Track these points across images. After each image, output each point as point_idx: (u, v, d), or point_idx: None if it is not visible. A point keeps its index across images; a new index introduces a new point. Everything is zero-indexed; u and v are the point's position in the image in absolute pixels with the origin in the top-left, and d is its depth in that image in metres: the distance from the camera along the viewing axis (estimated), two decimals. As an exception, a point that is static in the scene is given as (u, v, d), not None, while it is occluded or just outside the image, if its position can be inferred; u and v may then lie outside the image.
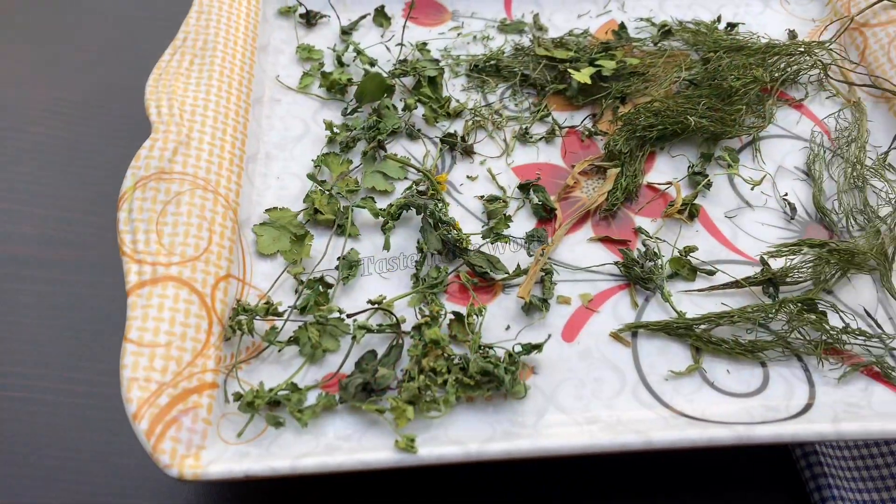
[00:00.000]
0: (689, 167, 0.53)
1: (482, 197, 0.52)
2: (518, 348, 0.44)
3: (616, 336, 0.46)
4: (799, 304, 0.45)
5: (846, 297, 0.48)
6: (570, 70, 0.56)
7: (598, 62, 0.57)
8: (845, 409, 0.43)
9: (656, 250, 0.49)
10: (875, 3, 0.58)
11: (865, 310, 0.47)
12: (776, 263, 0.48)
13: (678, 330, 0.46)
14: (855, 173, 0.52)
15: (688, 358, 0.45)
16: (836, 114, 0.56)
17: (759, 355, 0.45)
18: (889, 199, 0.51)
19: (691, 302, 0.48)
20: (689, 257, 0.49)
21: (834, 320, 0.46)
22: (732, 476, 0.46)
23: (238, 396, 0.42)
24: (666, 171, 0.54)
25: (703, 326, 0.46)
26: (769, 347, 0.45)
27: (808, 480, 0.45)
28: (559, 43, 0.60)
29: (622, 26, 0.61)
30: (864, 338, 0.45)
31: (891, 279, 0.48)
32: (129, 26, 0.67)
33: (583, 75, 0.55)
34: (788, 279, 0.47)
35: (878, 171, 0.52)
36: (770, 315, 0.46)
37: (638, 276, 0.48)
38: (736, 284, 0.47)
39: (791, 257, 0.48)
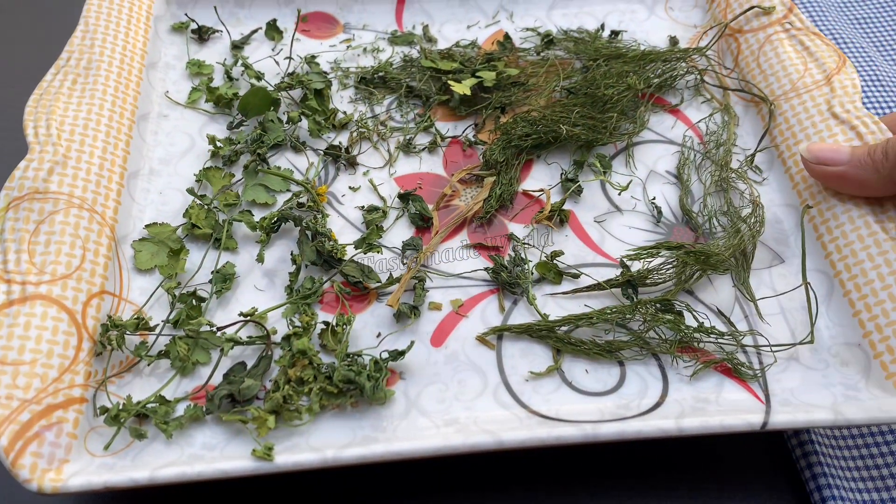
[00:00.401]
0: (561, 174, 0.55)
1: (362, 207, 0.54)
2: (385, 355, 0.46)
3: (481, 339, 0.48)
4: (655, 305, 0.48)
5: (706, 297, 0.50)
6: (450, 82, 0.58)
7: (478, 73, 0.58)
8: (693, 406, 0.45)
9: (523, 255, 0.51)
10: (747, 10, 0.61)
11: (718, 309, 0.49)
12: (638, 265, 0.50)
13: (540, 332, 0.47)
14: (722, 175, 0.55)
15: (550, 359, 0.47)
16: (707, 118, 0.58)
17: (617, 355, 0.47)
18: (752, 200, 0.53)
19: (557, 304, 0.49)
20: (555, 261, 0.50)
21: (691, 320, 0.48)
22: (731, 477, 0.48)
23: (104, 410, 0.43)
24: (542, 178, 0.56)
25: (564, 328, 0.48)
26: (625, 347, 0.47)
27: (808, 480, 0.46)
28: (446, 54, 0.62)
29: (506, 37, 0.63)
30: (716, 335, 0.47)
31: (747, 278, 0.50)
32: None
33: (463, 87, 0.57)
34: (650, 281, 0.49)
35: (741, 173, 0.54)
36: (628, 316, 0.48)
37: (505, 280, 0.50)
38: (597, 287, 0.49)
39: (650, 260, 0.50)
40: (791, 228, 0.53)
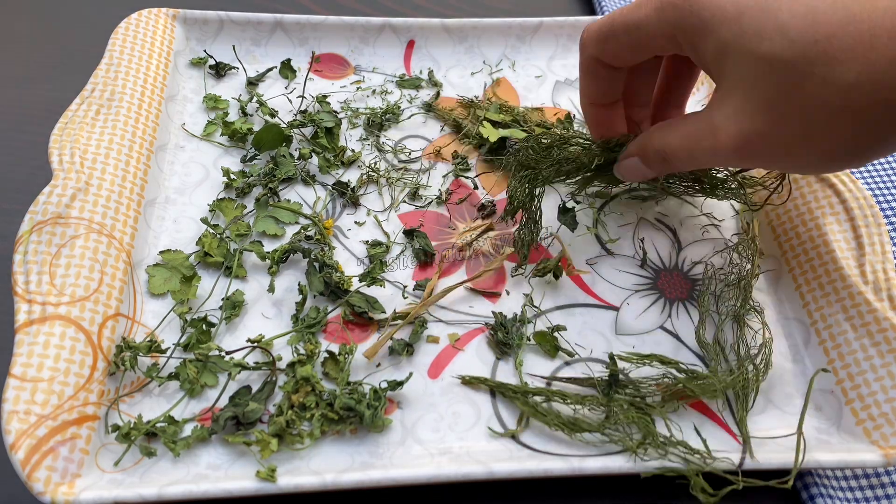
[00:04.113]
0: (559, 205, 0.57)
1: (367, 242, 0.57)
2: (384, 384, 0.49)
3: (466, 382, 0.50)
4: (630, 406, 0.47)
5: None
6: (485, 123, 0.61)
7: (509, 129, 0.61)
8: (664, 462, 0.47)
9: (528, 317, 0.53)
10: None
11: (696, 427, 0.48)
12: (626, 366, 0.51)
13: (515, 394, 0.48)
14: (740, 312, 0.53)
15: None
16: (732, 249, 0.57)
17: (577, 436, 0.47)
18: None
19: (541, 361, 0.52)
20: (555, 335, 0.52)
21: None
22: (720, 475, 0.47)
23: (116, 428, 0.45)
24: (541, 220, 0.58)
25: (537, 397, 0.48)
26: (589, 430, 0.47)
27: (795, 479, 0.48)
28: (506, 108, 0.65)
29: (568, 117, 0.64)
30: (684, 448, 0.45)
31: (744, 418, 0.48)
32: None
33: (492, 133, 0.60)
34: (630, 391, 0.49)
35: (758, 311, 0.54)
36: (602, 406, 0.48)
37: (501, 340, 0.51)
38: (587, 381, 0.49)
39: (640, 365, 0.50)
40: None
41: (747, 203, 0.56)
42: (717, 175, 0.55)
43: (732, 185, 0.55)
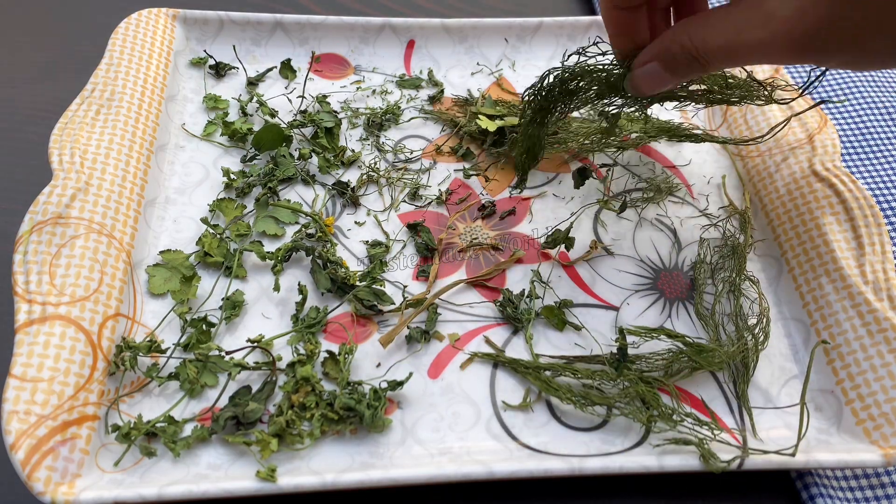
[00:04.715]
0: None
1: (367, 242, 0.57)
2: (384, 385, 0.49)
3: (468, 361, 0.50)
4: (638, 380, 0.48)
5: (689, 385, 0.50)
6: (480, 116, 0.61)
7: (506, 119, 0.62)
8: (675, 445, 0.47)
9: (537, 292, 0.54)
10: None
11: (702, 397, 0.50)
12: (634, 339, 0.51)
13: (527, 370, 0.50)
14: (736, 282, 0.54)
15: (542, 396, 0.50)
16: (724, 220, 0.59)
17: (591, 410, 0.48)
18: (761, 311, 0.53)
19: (549, 344, 0.52)
20: (563, 310, 0.53)
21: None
22: (720, 475, 0.47)
23: (116, 428, 0.45)
24: (544, 220, 0.59)
25: (548, 372, 0.50)
26: (600, 403, 0.48)
27: (795, 479, 0.49)
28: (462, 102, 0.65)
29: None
30: (693, 420, 0.47)
31: (745, 390, 0.50)
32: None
33: (490, 123, 0.60)
34: (636, 367, 0.49)
35: (753, 281, 0.55)
36: (610, 381, 0.49)
37: (510, 315, 0.52)
38: (595, 359, 0.50)
39: (646, 339, 0.51)
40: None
41: (773, 99, 0.52)
42: (730, 80, 0.51)
43: (743, 90, 0.52)
